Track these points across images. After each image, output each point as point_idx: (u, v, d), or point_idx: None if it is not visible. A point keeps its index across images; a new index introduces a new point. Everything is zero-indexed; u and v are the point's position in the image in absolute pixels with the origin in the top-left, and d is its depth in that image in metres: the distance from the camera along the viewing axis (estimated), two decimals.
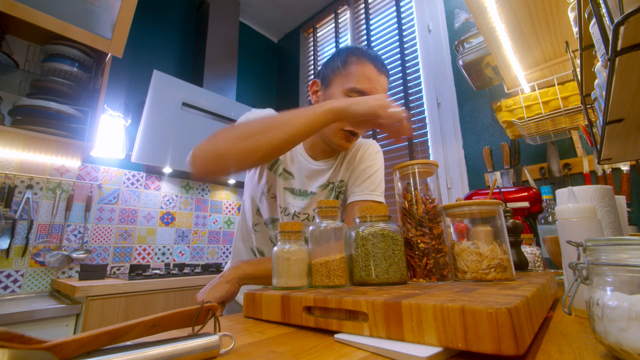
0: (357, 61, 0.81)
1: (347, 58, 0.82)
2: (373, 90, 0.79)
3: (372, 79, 0.79)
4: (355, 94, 0.79)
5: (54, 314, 1.23)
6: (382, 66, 0.82)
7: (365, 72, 0.80)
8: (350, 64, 0.81)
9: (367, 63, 0.80)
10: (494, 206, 0.54)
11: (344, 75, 0.81)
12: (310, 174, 0.88)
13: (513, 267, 0.51)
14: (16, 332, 0.22)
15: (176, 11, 2.50)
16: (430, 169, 0.58)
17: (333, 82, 0.83)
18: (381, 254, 0.50)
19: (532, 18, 1.05)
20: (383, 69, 0.82)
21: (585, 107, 0.87)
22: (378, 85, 0.80)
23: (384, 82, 0.83)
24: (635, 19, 0.35)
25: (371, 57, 0.82)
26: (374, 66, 0.81)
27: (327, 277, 0.52)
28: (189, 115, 2.02)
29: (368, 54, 0.82)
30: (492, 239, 0.52)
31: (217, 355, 0.31)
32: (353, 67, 0.81)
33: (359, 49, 0.83)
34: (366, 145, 0.94)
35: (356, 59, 0.81)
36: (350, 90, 0.79)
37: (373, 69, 0.80)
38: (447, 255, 0.53)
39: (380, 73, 0.81)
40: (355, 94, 0.79)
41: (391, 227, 0.52)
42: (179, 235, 2.19)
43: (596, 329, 0.28)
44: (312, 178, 0.88)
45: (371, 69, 0.80)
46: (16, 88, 1.55)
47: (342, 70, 0.82)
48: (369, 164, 0.90)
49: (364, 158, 0.90)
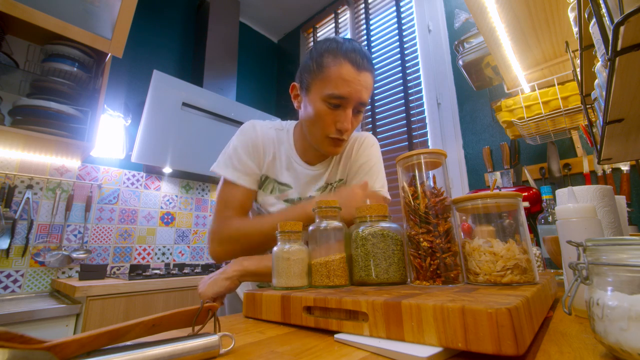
0: (333, 62, 0.74)
1: (323, 59, 0.76)
2: (354, 93, 0.73)
3: (350, 81, 0.73)
4: (335, 100, 0.74)
5: (54, 314, 1.23)
6: (362, 61, 0.74)
7: (342, 73, 0.73)
8: (326, 66, 0.75)
9: (343, 62, 0.73)
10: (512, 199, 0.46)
11: (320, 79, 0.75)
12: (308, 180, 0.87)
13: (535, 269, 0.44)
14: (16, 332, 0.22)
15: (176, 11, 2.49)
16: (437, 159, 0.52)
17: (311, 87, 0.78)
18: (381, 253, 0.49)
19: (532, 18, 1.05)
20: (364, 64, 0.74)
21: (585, 107, 0.87)
22: (359, 85, 0.74)
23: (366, 79, 0.75)
24: (635, 19, 0.35)
25: (348, 55, 0.74)
26: (352, 65, 0.73)
27: (327, 277, 0.51)
28: (189, 115, 2.02)
29: (344, 50, 0.74)
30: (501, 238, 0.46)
31: (217, 355, 0.31)
32: (329, 69, 0.74)
33: (335, 46, 0.76)
34: (361, 139, 0.91)
35: (332, 59, 0.74)
36: (329, 97, 0.74)
37: (351, 69, 0.73)
38: (456, 255, 0.48)
39: (361, 70, 0.74)
40: (335, 100, 0.74)
41: (391, 226, 0.51)
42: (179, 235, 2.19)
43: (596, 329, 0.28)
44: (310, 183, 0.87)
45: (348, 68, 0.73)
46: (16, 88, 1.54)
47: (319, 74, 0.76)
48: (365, 159, 0.87)
49: (360, 154, 0.88)
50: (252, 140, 0.84)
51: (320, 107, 0.76)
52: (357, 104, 0.76)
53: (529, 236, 0.46)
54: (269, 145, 0.86)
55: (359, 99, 0.75)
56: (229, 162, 0.82)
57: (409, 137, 1.98)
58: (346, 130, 0.76)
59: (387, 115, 2.14)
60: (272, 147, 0.86)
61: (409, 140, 1.98)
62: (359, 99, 0.75)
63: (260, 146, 0.84)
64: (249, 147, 0.83)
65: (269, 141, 0.86)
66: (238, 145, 0.83)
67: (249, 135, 0.85)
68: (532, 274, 0.44)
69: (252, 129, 0.86)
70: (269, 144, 0.86)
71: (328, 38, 0.80)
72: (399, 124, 2.06)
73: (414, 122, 2.00)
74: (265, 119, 2.60)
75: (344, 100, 0.74)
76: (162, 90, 1.88)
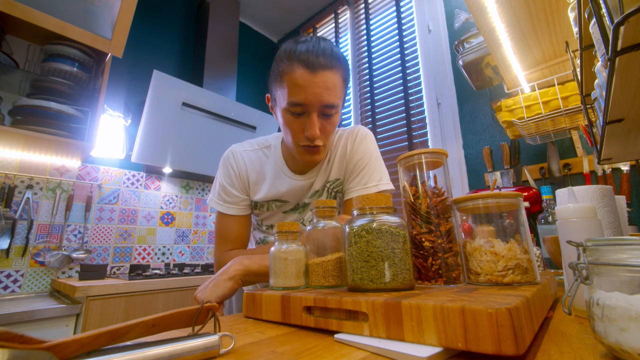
0: (288, 67, 0.68)
1: (280, 66, 0.70)
2: (311, 97, 0.67)
3: (304, 86, 0.67)
4: (294, 108, 0.69)
5: (54, 314, 1.23)
6: (317, 60, 0.66)
7: (295, 79, 0.67)
8: (282, 72, 0.69)
9: (296, 66, 0.67)
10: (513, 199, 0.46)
11: (281, 88, 0.71)
12: (302, 189, 0.86)
13: (536, 269, 0.44)
14: (16, 332, 0.22)
15: (176, 11, 2.50)
16: (438, 159, 0.52)
17: (276, 97, 0.74)
18: (377, 253, 0.41)
19: (532, 18, 1.05)
20: (320, 62, 0.66)
21: (585, 107, 0.87)
22: (316, 88, 0.67)
23: (324, 79, 0.67)
24: (635, 19, 0.35)
25: (300, 57, 0.67)
26: (304, 67, 0.66)
27: (323, 277, 0.51)
28: (189, 115, 2.02)
29: (297, 52, 0.67)
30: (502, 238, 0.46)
31: (217, 355, 0.31)
32: (285, 76, 0.69)
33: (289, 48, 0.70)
34: (353, 135, 0.86)
35: (286, 65, 0.68)
36: (289, 106, 0.69)
37: (303, 72, 0.66)
38: (457, 255, 0.47)
39: (316, 71, 0.66)
40: (295, 108, 0.69)
41: (391, 220, 0.43)
42: (179, 235, 2.19)
43: (596, 329, 0.28)
44: (303, 191, 0.86)
45: (301, 72, 0.66)
46: (16, 88, 1.54)
47: (278, 82, 0.71)
48: (360, 156, 0.84)
49: (355, 150, 0.85)
50: (233, 170, 0.86)
51: (285, 116, 0.72)
52: (321, 108, 0.69)
53: (530, 236, 0.47)
54: (250, 169, 0.87)
55: (319, 102, 0.68)
56: (218, 196, 0.86)
57: (409, 137, 1.98)
58: (314, 137, 0.70)
59: (387, 115, 2.14)
60: (254, 169, 0.87)
61: (409, 140, 1.98)
62: (319, 102, 0.68)
63: (242, 173, 0.86)
64: (231, 178, 0.86)
65: (250, 164, 0.87)
66: (222, 179, 0.86)
67: (228, 166, 0.87)
68: (534, 274, 0.44)
69: (230, 160, 0.87)
70: (250, 167, 0.87)
71: (289, 40, 0.73)
72: (399, 124, 2.06)
73: (414, 122, 2.00)
74: (265, 118, 2.58)
75: (304, 106, 0.69)
76: (162, 90, 1.88)
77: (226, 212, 0.85)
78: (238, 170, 0.86)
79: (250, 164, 0.87)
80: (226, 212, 0.85)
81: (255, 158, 0.88)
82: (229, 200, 0.85)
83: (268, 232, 0.90)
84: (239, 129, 2.25)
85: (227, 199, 0.85)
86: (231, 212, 0.85)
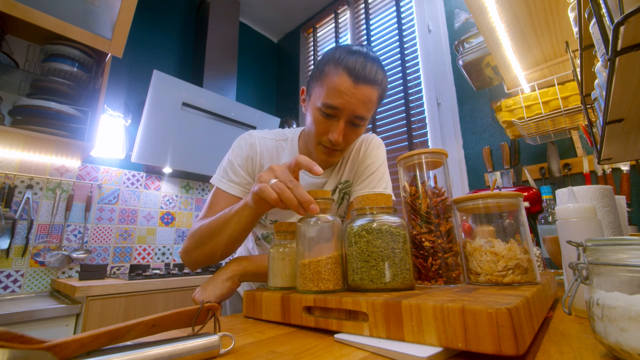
0: (333, 71, 0.71)
1: (325, 67, 0.73)
2: (346, 105, 0.70)
3: (344, 93, 0.69)
4: (327, 109, 0.71)
5: (54, 314, 1.23)
6: (362, 73, 0.69)
7: (338, 84, 0.69)
8: (326, 74, 0.72)
9: (342, 73, 0.69)
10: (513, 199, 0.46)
11: (319, 87, 0.74)
12: (314, 187, 0.86)
13: (536, 269, 0.44)
14: (16, 332, 0.22)
15: (176, 11, 2.49)
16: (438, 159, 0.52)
17: (312, 93, 0.77)
18: (377, 253, 0.41)
19: (532, 18, 1.05)
20: (364, 76, 0.70)
21: (585, 107, 0.87)
22: (353, 98, 0.69)
23: (364, 92, 0.70)
24: (635, 19, 0.35)
25: (349, 65, 0.69)
26: (350, 76, 0.69)
27: (311, 280, 0.44)
28: (189, 115, 2.02)
29: (346, 61, 0.70)
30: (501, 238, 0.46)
31: (217, 355, 0.31)
32: (328, 78, 0.71)
33: (339, 55, 0.72)
34: (368, 141, 0.91)
35: (333, 68, 0.71)
36: (323, 106, 0.72)
37: (348, 80, 0.69)
38: (457, 255, 0.47)
39: (359, 84, 0.69)
40: (327, 110, 0.71)
41: (391, 220, 0.43)
42: (179, 235, 2.19)
43: (596, 329, 0.28)
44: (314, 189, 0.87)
45: (345, 80, 0.69)
46: (16, 88, 1.54)
47: (319, 81, 0.74)
48: (371, 161, 0.87)
49: (367, 155, 0.88)
50: (247, 151, 0.84)
51: (315, 114, 0.75)
52: (352, 117, 0.72)
53: (530, 236, 0.47)
54: (265, 155, 0.85)
55: (353, 111, 0.71)
56: (224, 173, 0.83)
57: (409, 137, 1.98)
58: (336, 141, 0.73)
59: (387, 115, 2.14)
60: (269, 156, 0.86)
61: (409, 140, 1.98)
62: (353, 111, 0.71)
63: (255, 157, 0.84)
64: (243, 158, 0.84)
65: (265, 151, 0.86)
66: (233, 158, 0.84)
67: (243, 146, 0.85)
68: (534, 273, 0.44)
69: (247, 141, 0.86)
70: (266, 154, 0.85)
71: (340, 46, 0.77)
72: (399, 124, 2.06)
73: (414, 122, 2.00)
74: (265, 118, 2.59)
75: (337, 110, 0.71)
76: (162, 90, 1.88)
77: (229, 190, 0.81)
78: (252, 153, 0.84)
79: (266, 151, 0.86)
80: (228, 191, 0.81)
81: (273, 147, 0.87)
82: (235, 180, 0.82)
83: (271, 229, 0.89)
84: (239, 129, 2.25)
85: (233, 178, 0.82)
86: (233, 192, 0.81)
